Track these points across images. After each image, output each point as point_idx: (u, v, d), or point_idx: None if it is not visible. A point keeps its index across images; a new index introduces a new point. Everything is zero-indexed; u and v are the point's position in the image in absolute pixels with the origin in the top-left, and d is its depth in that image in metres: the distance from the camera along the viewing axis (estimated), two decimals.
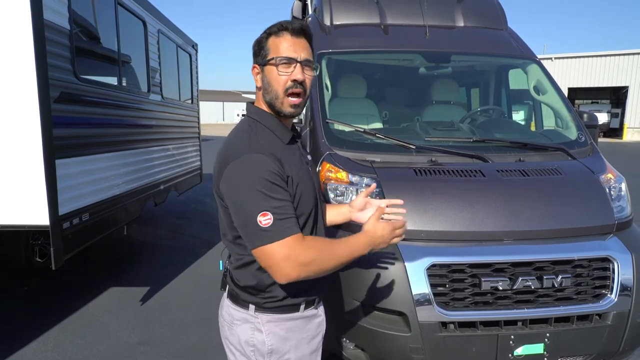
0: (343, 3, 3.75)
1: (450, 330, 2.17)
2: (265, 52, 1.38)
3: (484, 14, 3.90)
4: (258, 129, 1.40)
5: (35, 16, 2.88)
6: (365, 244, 1.37)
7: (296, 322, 1.45)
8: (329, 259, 1.30)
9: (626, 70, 31.44)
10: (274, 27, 1.38)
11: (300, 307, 1.45)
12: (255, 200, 1.25)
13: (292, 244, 1.24)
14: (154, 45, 5.63)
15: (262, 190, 1.25)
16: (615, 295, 2.25)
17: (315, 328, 1.52)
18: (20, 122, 2.96)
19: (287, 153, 1.39)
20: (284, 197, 1.28)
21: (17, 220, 3.05)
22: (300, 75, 1.36)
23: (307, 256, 1.26)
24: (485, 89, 4.40)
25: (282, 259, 1.24)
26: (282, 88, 1.36)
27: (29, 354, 3.31)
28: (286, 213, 1.26)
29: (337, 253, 1.32)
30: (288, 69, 1.36)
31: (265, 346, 1.41)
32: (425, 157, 2.71)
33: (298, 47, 1.37)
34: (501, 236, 2.32)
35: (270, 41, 1.38)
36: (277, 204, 1.25)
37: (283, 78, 1.36)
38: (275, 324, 1.42)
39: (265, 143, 1.35)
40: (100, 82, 4.04)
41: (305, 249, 1.26)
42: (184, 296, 4.35)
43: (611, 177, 2.70)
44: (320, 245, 1.32)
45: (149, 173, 5.14)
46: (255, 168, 1.27)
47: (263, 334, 1.41)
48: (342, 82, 3.66)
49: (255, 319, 1.42)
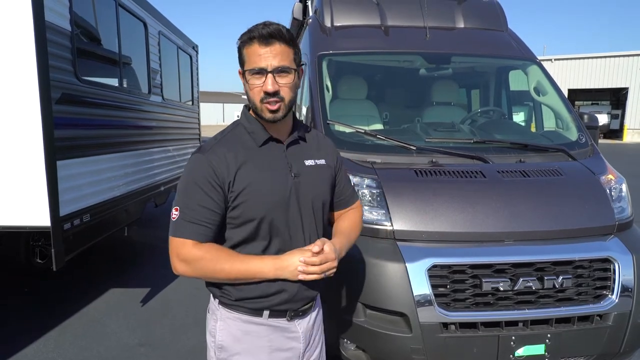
0: (343, 4, 3.75)
1: (451, 331, 2.17)
2: (242, 61, 1.37)
3: (484, 16, 3.90)
4: (235, 130, 1.44)
5: (36, 18, 2.89)
6: (266, 272, 1.33)
7: (256, 327, 1.42)
8: (215, 269, 1.32)
9: (626, 72, 31.45)
10: (245, 36, 1.34)
11: (264, 313, 1.41)
12: (178, 194, 1.37)
13: (183, 244, 1.32)
14: (155, 46, 5.64)
15: (185, 188, 1.35)
16: (616, 296, 2.25)
17: (282, 341, 1.44)
18: (21, 123, 2.96)
19: (257, 155, 1.38)
20: (202, 204, 1.32)
21: (18, 221, 3.05)
22: (271, 86, 1.31)
23: (191, 258, 1.32)
24: (485, 90, 4.40)
25: (174, 253, 1.35)
26: (257, 98, 1.35)
27: (30, 354, 3.31)
28: (193, 217, 1.32)
29: (228, 265, 1.31)
30: (259, 80, 1.33)
31: (217, 339, 1.44)
32: (425, 158, 2.71)
33: (268, 55, 1.31)
34: (502, 237, 2.32)
35: (245, 50, 1.35)
36: (191, 205, 1.33)
37: (256, 90, 1.34)
38: (233, 322, 1.43)
39: (224, 145, 1.38)
40: (101, 83, 4.04)
41: (193, 252, 1.32)
42: (184, 297, 4.35)
43: (612, 178, 2.70)
44: (212, 253, 1.33)
45: (149, 174, 5.14)
46: (190, 167, 1.37)
47: (218, 327, 1.44)
48: (342, 83, 3.66)
49: (217, 311, 1.45)
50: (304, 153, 1.49)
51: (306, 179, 1.44)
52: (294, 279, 1.34)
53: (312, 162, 1.48)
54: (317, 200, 1.47)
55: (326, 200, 1.52)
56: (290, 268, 1.32)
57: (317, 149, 1.54)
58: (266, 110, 1.35)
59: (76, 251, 3.45)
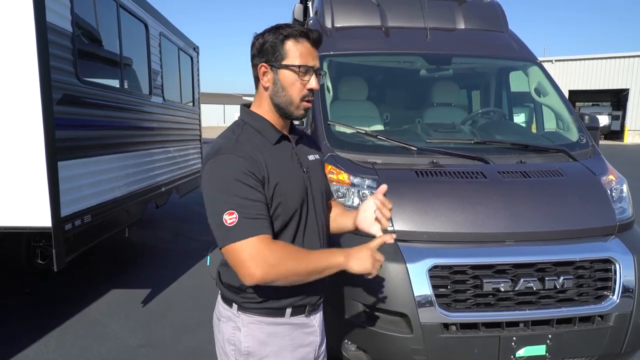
0: (344, 5, 3.76)
1: (452, 331, 2.17)
2: (280, 55, 1.35)
3: (485, 17, 3.91)
4: (244, 130, 1.40)
5: (38, 19, 2.89)
6: (340, 263, 1.32)
7: (279, 327, 1.42)
8: (295, 265, 1.27)
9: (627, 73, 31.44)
10: (293, 31, 1.35)
11: (286, 312, 1.41)
12: (223, 198, 1.26)
13: (257, 244, 1.23)
14: (156, 47, 5.65)
15: (230, 189, 1.26)
16: (617, 297, 2.25)
17: (303, 337, 1.46)
18: (22, 123, 2.97)
19: (273, 153, 1.38)
20: (254, 198, 1.27)
21: (19, 221, 3.05)
22: (315, 84, 1.37)
23: (272, 257, 1.24)
24: (486, 91, 4.40)
25: (247, 258, 1.23)
26: (299, 95, 1.37)
27: (31, 355, 3.31)
28: (254, 213, 1.25)
29: (305, 261, 1.29)
30: (305, 78, 1.36)
31: (242, 346, 1.40)
32: (426, 159, 2.71)
33: (315, 56, 1.39)
34: (503, 237, 2.32)
35: (288, 45, 1.35)
36: (245, 203, 1.25)
37: (300, 86, 1.36)
38: (257, 326, 1.40)
39: (245, 144, 1.34)
40: (102, 84, 4.05)
41: (272, 250, 1.25)
42: (185, 298, 4.35)
43: (612, 178, 2.70)
44: (288, 250, 1.29)
45: (150, 175, 5.15)
46: (226, 168, 1.28)
47: (242, 334, 1.40)
48: (343, 84, 3.67)
49: (237, 318, 1.41)
50: (306, 149, 1.54)
51: (313, 174, 1.49)
52: (365, 272, 1.33)
53: (312, 157, 1.54)
54: (323, 192, 1.53)
55: (327, 191, 1.60)
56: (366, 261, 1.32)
57: (311, 145, 1.61)
58: (302, 108, 1.39)
59: (77, 252, 3.45)
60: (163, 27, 5.98)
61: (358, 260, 1.32)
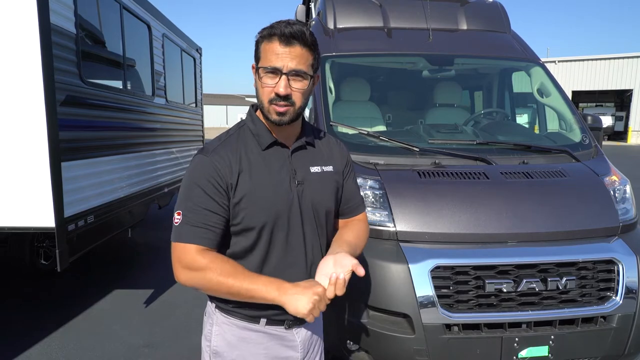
0: (346, 7, 3.76)
1: (454, 332, 2.17)
2: (258, 56, 1.30)
3: (487, 17, 3.91)
4: (241, 131, 1.38)
5: (42, 20, 2.91)
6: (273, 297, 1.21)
7: (252, 334, 1.37)
8: (218, 283, 1.22)
9: (630, 73, 31.34)
10: (265, 31, 1.27)
11: (260, 321, 1.36)
12: (180, 197, 1.31)
13: (187, 251, 1.25)
14: (159, 49, 5.67)
15: (188, 191, 1.29)
16: (620, 298, 2.24)
17: (279, 349, 1.39)
18: (26, 124, 2.99)
19: (259, 160, 1.32)
20: (205, 206, 1.25)
21: (23, 222, 3.07)
22: (283, 89, 1.24)
23: (196, 268, 1.24)
24: (488, 91, 4.40)
25: (176, 258, 1.28)
26: (267, 98, 1.28)
27: (34, 355, 3.32)
28: (197, 220, 1.25)
29: (233, 282, 1.21)
30: (273, 80, 1.25)
31: (212, 344, 1.42)
32: (428, 160, 2.71)
33: (286, 56, 1.24)
34: (505, 238, 2.32)
35: (263, 46, 1.28)
36: (193, 208, 1.26)
37: (267, 89, 1.27)
38: (229, 327, 1.39)
39: (229, 147, 1.32)
40: (106, 85, 4.07)
41: (195, 260, 1.24)
42: (187, 298, 4.36)
43: (615, 179, 2.69)
44: (217, 265, 1.23)
45: (153, 176, 5.16)
46: (194, 169, 1.30)
47: (213, 332, 1.42)
48: (345, 85, 3.67)
49: (214, 316, 1.43)
50: (311, 159, 1.41)
51: (310, 186, 1.37)
52: (298, 315, 1.20)
53: (318, 168, 1.41)
54: (321, 208, 1.40)
55: (330, 208, 1.44)
56: (299, 304, 1.19)
57: (327, 155, 1.47)
58: (273, 112, 1.28)
59: (80, 252, 3.47)
60: (166, 28, 6.00)
61: (294, 301, 1.19)
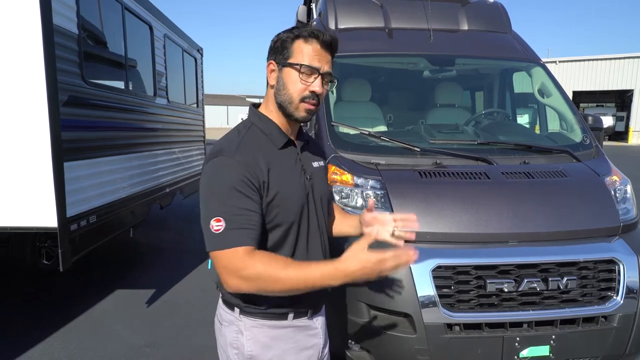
0: (348, 7, 3.77)
1: (455, 331, 2.18)
2: (287, 53, 1.34)
3: (488, 18, 3.91)
4: (250, 131, 1.38)
5: (44, 21, 2.93)
6: (341, 275, 1.19)
7: (283, 330, 1.40)
8: (275, 280, 1.20)
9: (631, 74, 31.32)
10: (304, 32, 1.34)
11: (288, 316, 1.39)
12: (214, 203, 1.24)
13: (236, 255, 1.21)
14: (160, 49, 5.69)
15: (223, 196, 1.23)
16: (621, 298, 2.25)
17: (306, 340, 1.44)
18: (29, 124, 3.00)
19: (277, 158, 1.35)
20: (246, 207, 1.24)
21: (25, 222, 3.08)
22: (319, 88, 1.33)
23: (246, 271, 1.20)
24: (489, 92, 4.41)
25: (224, 267, 1.23)
26: (298, 95, 1.33)
27: (36, 355, 3.33)
28: (241, 223, 1.22)
29: (291, 276, 1.20)
30: (309, 79, 1.33)
31: (245, 350, 1.38)
32: (430, 160, 2.71)
33: (323, 58, 1.34)
34: (506, 238, 2.32)
35: (297, 44, 1.33)
36: (234, 211, 1.22)
37: (301, 86, 1.33)
38: (259, 330, 1.38)
39: (248, 147, 1.32)
40: (108, 85, 4.08)
41: (247, 264, 1.20)
42: (189, 298, 4.37)
43: (616, 179, 2.70)
44: (271, 263, 1.21)
45: (154, 176, 5.17)
46: (223, 172, 1.26)
47: (244, 338, 1.38)
48: (346, 85, 3.68)
49: (240, 322, 1.39)
50: (312, 155, 1.52)
51: (317, 181, 1.47)
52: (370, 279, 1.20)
53: (317, 163, 1.52)
54: (324, 199, 1.52)
55: (329, 198, 1.59)
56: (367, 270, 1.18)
57: (320, 151, 1.61)
58: (303, 109, 1.34)
59: (82, 252, 3.48)
60: (167, 29, 6.02)
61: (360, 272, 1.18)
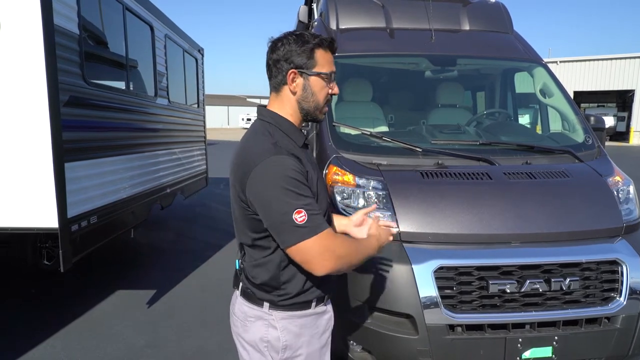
0: (349, 7, 3.77)
1: (457, 332, 2.17)
2: (312, 62, 1.45)
3: (490, 18, 3.90)
4: (276, 132, 1.46)
5: (45, 21, 2.92)
6: (375, 246, 1.53)
7: (308, 318, 1.52)
8: (356, 254, 1.43)
9: (632, 74, 31.26)
10: (320, 41, 1.46)
11: (312, 304, 1.52)
12: (288, 199, 1.31)
13: (328, 238, 1.34)
14: (161, 49, 5.68)
15: (292, 189, 1.31)
16: (624, 299, 2.24)
17: (325, 324, 1.59)
18: (30, 125, 2.99)
19: (304, 156, 1.47)
20: (310, 195, 1.36)
21: (26, 222, 3.08)
22: (336, 89, 1.51)
23: (339, 250, 1.36)
24: (491, 92, 4.40)
25: (321, 252, 1.32)
26: (324, 100, 1.50)
27: (37, 355, 3.33)
28: (315, 209, 1.34)
29: (361, 249, 1.46)
30: (330, 83, 1.50)
31: (279, 342, 1.47)
32: (431, 160, 2.71)
33: (332, 61, 1.51)
34: (508, 239, 2.32)
35: (319, 54, 1.45)
36: (307, 201, 1.33)
37: (326, 91, 1.49)
38: (289, 321, 1.49)
39: (284, 145, 1.41)
40: (109, 86, 4.07)
41: (336, 244, 1.36)
42: (190, 299, 4.36)
43: (619, 179, 2.69)
44: (349, 240, 1.46)
45: (155, 176, 5.17)
46: (282, 168, 1.33)
47: (277, 331, 1.47)
48: (348, 85, 3.67)
49: (270, 316, 1.48)
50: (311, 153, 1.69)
51: None
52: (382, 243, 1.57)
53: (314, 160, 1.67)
54: None
55: None
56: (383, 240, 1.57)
57: None
58: (323, 113, 1.53)
59: (83, 253, 3.47)
60: (168, 29, 6.01)
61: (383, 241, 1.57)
